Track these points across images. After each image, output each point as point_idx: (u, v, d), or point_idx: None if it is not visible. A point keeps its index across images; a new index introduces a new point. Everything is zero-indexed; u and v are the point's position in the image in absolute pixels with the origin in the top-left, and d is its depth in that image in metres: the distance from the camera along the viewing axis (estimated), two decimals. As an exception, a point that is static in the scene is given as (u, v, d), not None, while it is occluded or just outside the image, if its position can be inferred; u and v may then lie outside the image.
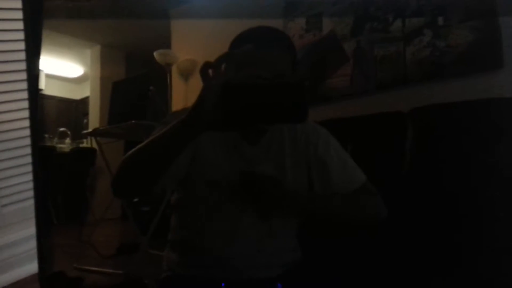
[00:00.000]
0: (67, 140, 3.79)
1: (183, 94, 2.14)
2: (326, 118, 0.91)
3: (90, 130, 1.83)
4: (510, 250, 0.66)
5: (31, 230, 0.73)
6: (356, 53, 1.43)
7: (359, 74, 1.44)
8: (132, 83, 1.57)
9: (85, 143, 3.44)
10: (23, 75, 0.77)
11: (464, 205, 0.75)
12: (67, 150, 3.58)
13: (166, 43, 2.42)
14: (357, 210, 0.63)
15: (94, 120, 3.63)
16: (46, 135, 3.71)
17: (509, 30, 1.00)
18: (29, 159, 0.75)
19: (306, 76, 1.55)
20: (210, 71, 0.47)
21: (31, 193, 0.81)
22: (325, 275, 0.61)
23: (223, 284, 0.54)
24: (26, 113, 0.81)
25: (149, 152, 0.55)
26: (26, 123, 0.72)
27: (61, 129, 3.88)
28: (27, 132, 0.70)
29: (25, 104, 0.75)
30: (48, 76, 4.93)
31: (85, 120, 4.04)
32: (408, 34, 1.24)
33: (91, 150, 2.87)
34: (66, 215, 2.87)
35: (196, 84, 0.48)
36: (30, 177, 0.80)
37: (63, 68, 4.34)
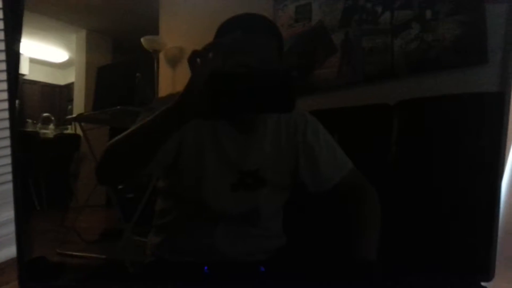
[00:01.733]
0: (51, 126, 3.73)
1: (171, 81, 2.11)
2: (313, 109, 0.92)
3: (74, 115, 1.80)
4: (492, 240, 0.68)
5: (8, 214, 0.72)
6: (344, 44, 1.44)
7: (346, 66, 1.45)
8: (118, 68, 1.54)
9: (70, 129, 3.39)
10: (2, 56, 0.76)
11: (449, 198, 0.77)
12: (50, 136, 3.52)
13: (154, 30, 2.38)
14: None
15: (78, 106, 3.56)
16: (29, 120, 3.64)
17: (495, 24, 1.02)
18: (7, 142, 0.74)
19: (294, 65, 1.55)
20: (198, 60, 0.47)
21: (8, 177, 0.80)
22: (308, 259, 0.61)
23: (205, 268, 0.54)
24: (4, 95, 0.79)
25: (135, 139, 0.55)
26: (5, 105, 0.71)
27: (45, 114, 3.81)
28: (5, 114, 0.69)
29: (4, 86, 0.73)
30: (32, 60, 4.82)
31: (69, 106, 3.97)
32: (396, 27, 1.25)
33: (75, 136, 2.83)
34: (49, 201, 2.84)
35: (184, 71, 0.47)
36: (8, 160, 0.79)
37: (47, 52, 4.24)
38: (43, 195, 2.79)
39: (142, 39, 2.01)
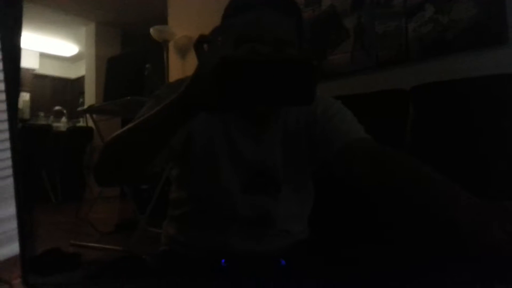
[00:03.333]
0: (63, 119, 3.76)
1: (181, 71, 2.10)
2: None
3: (85, 107, 1.79)
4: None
5: (10, 210, 0.70)
6: (356, 29, 1.40)
7: (360, 51, 1.42)
8: (128, 59, 1.53)
9: (81, 122, 3.41)
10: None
11: (463, 183, 0.74)
12: (63, 129, 3.56)
13: (163, 20, 2.36)
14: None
15: (89, 99, 3.59)
16: (41, 114, 3.68)
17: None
18: (6, 135, 0.71)
19: (312, 50, 1.50)
20: (205, 45, 0.43)
21: (8, 172, 0.77)
22: (329, 253, 0.59)
23: (223, 261, 0.52)
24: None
25: (138, 135, 0.49)
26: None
27: (57, 107, 3.84)
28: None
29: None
30: (42, 55, 4.84)
31: (81, 99, 4.00)
32: (410, 9, 1.21)
33: (87, 129, 2.85)
34: (63, 193, 2.88)
35: (194, 61, 0.45)
36: (8, 154, 0.75)
37: (57, 46, 4.27)
38: (58, 187, 2.83)
39: (151, 30, 2.01)
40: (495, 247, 0.39)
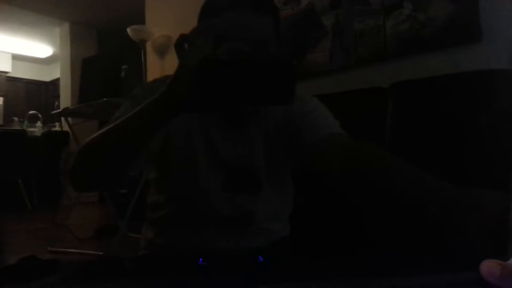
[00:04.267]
0: (38, 124, 3.66)
1: (159, 71, 2.06)
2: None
3: (59, 110, 1.72)
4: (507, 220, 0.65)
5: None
6: (335, 27, 1.41)
7: (338, 49, 1.43)
8: (104, 59, 1.48)
9: (57, 127, 3.32)
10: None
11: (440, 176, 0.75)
12: (38, 134, 3.46)
13: (140, 19, 2.31)
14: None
15: (65, 102, 3.50)
16: (15, 119, 3.57)
17: (487, 2, 1.00)
18: None
19: (290, 50, 1.50)
20: (185, 45, 0.43)
21: None
22: (310, 249, 0.59)
23: (200, 260, 0.52)
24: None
25: (116, 137, 0.48)
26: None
27: (31, 112, 3.73)
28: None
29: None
30: (15, 57, 4.69)
31: (56, 103, 3.89)
32: (388, 7, 1.23)
33: (63, 133, 2.78)
34: (40, 200, 2.80)
35: (173, 61, 0.44)
36: None
37: (30, 48, 4.15)
38: (34, 194, 2.74)
39: (128, 29, 1.97)
40: (462, 231, 0.40)
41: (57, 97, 3.74)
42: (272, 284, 0.39)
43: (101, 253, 1.03)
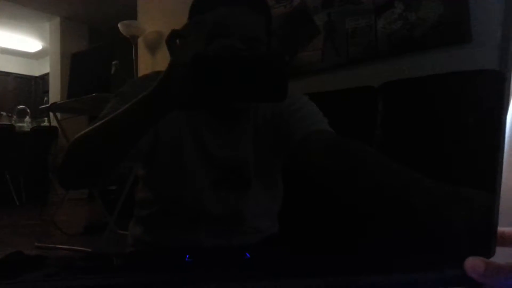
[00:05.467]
0: (27, 119, 3.61)
1: (150, 67, 2.05)
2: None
3: (48, 105, 1.71)
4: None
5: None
6: (327, 26, 1.41)
7: (330, 48, 1.43)
8: (94, 54, 1.47)
9: (46, 122, 3.28)
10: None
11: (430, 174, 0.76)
12: (27, 129, 3.42)
13: (132, 14, 2.30)
14: None
15: (54, 97, 3.46)
16: (4, 113, 3.52)
17: (477, 3, 1.01)
18: None
19: (282, 47, 1.51)
20: (178, 41, 0.43)
21: None
22: (298, 246, 0.59)
23: (187, 256, 0.51)
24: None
25: (105, 134, 0.48)
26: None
27: (20, 107, 3.68)
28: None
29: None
30: (3, 51, 4.62)
31: (45, 98, 3.85)
32: (380, 6, 1.23)
33: (52, 129, 2.74)
34: (28, 196, 2.77)
35: (164, 57, 0.44)
36: None
37: (20, 42, 4.09)
38: (22, 190, 2.71)
39: (119, 25, 1.94)
40: (447, 228, 0.40)
41: (47, 92, 3.69)
42: (258, 281, 0.39)
43: (89, 249, 1.02)
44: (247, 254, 0.52)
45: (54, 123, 1.60)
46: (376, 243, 0.49)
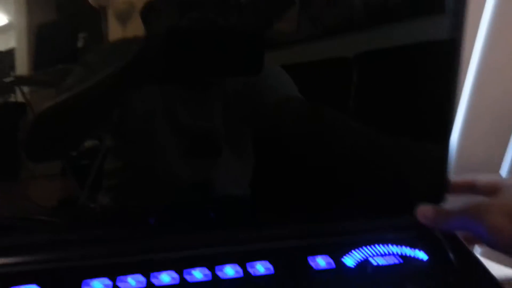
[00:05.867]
0: (-7, 96, 3.47)
1: (121, 40, 1.99)
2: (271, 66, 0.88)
3: (12, 79, 1.63)
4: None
5: None
6: (302, -4, 1.39)
7: (305, 19, 1.41)
8: (60, 26, 1.41)
9: (13, 98, 3.17)
10: None
11: (399, 146, 0.78)
12: (-6, 106, 3.29)
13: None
14: None
15: (21, 72, 3.32)
16: (-33, 90, 3.37)
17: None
18: None
19: (257, 19, 1.48)
20: (152, 13, 0.41)
21: None
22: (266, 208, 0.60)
23: (151, 221, 0.52)
24: None
25: (74, 107, 0.47)
26: None
27: (-15, 83, 3.53)
28: None
29: None
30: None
31: (11, 73, 3.70)
32: (355, -24, 1.22)
33: (19, 104, 2.65)
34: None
35: (137, 29, 0.42)
36: None
37: (-18, 15, 3.89)
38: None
39: (86, -6, 1.86)
40: (402, 178, 0.43)
41: (13, 67, 3.55)
42: (219, 233, 0.39)
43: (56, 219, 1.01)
44: (211, 214, 0.53)
45: (21, 98, 1.54)
46: (338, 198, 0.51)
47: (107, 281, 0.49)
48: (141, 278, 0.49)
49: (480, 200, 0.53)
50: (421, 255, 0.56)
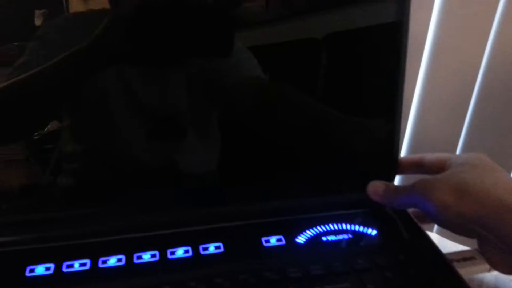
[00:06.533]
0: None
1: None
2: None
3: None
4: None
5: None
6: (271, -26, 1.36)
7: (275, -1, 1.39)
8: (16, 1, 1.33)
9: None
10: None
11: (350, 124, 0.80)
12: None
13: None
14: None
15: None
16: None
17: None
18: None
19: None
20: None
21: None
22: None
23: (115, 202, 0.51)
24: None
25: (31, 87, 0.45)
26: None
27: None
28: None
29: None
30: None
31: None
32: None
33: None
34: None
35: (100, 5, 0.40)
36: None
37: None
38: None
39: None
40: (353, 154, 0.45)
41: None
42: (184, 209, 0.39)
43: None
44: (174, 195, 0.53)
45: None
46: (290, 174, 0.52)
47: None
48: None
49: (429, 177, 0.53)
50: (371, 231, 0.57)
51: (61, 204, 0.59)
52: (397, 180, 0.88)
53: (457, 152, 1.27)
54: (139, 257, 0.50)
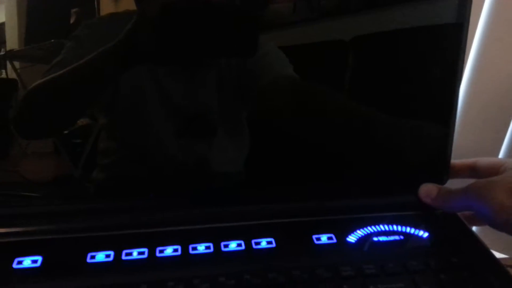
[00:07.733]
0: (-17, 71, 3.40)
1: (114, 16, 1.94)
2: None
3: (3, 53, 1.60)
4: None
5: None
6: (300, -24, 1.36)
7: (302, 0, 1.39)
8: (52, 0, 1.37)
9: (3, 74, 3.10)
10: None
11: (401, 127, 0.78)
12: (-16, 82, 3.23)
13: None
14: None
15: (12, 47, 3.25)
16: (-44, 65, 3.29)
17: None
18: None
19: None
20: None
21: None
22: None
23: (151, 195, 0.53)
24: None
25: (66, 85, 0.46)
26: None
27: (-26, 58, 3.45)
28: None
29: None
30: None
31: (2, 49, 3.62)
32: (354, -43, 1.20)
33: (11, 80, 2.59)
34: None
35: (128, 6, 0.41)
36: None
37: (-30, -13, 3.76)
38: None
39: (78, -33, 1.81)
40: (405, 158, 0.44)
41: (4, 42, 3.47)
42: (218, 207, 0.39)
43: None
44: (209, 192, 0.53)
45: (12, 74, 1.51)
46: (339, 176, 0.52)
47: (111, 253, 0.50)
48: (144, 250, 0.50)
49: (483, 180, 0.53)
50: (423, 233, 0.56)
51: (97, 198, 0.61)
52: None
53: (500, 155, 1.24)
54: (194, 248, 0.52)
